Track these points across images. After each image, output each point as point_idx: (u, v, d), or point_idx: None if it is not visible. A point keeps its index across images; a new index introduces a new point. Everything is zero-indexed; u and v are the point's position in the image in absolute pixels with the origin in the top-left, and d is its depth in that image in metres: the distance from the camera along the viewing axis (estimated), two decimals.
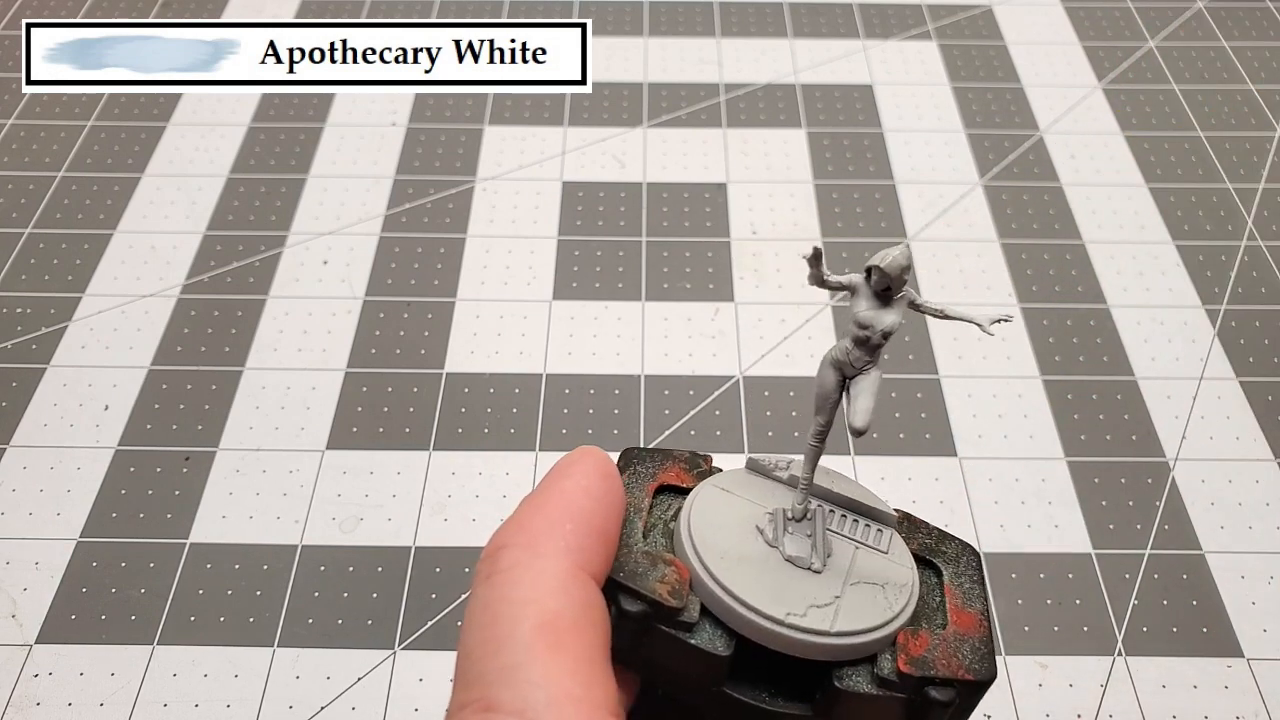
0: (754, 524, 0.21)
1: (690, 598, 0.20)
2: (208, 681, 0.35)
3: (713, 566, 0.20)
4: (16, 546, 0.38)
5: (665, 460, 0.23)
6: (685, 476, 0.23)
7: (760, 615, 0.20)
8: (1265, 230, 0.51)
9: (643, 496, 0.22)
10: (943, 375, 0.44)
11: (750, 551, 0.21)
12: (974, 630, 0.21)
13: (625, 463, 0.23)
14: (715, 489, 0.22)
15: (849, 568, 0.21)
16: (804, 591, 0.20)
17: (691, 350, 0.45)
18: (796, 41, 0.61)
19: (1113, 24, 0.63)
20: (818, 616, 0.20)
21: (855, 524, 0.23)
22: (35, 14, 0.62)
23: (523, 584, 0.18)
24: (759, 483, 0.23)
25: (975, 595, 0.22)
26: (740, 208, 0.51)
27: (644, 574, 0.20)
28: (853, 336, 0.20)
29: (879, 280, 0.19)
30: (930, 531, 0.23)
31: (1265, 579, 0.38)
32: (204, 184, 0.52)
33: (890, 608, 0.20)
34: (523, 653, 0.18)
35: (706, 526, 0.21)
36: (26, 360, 0.44)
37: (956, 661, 0.20)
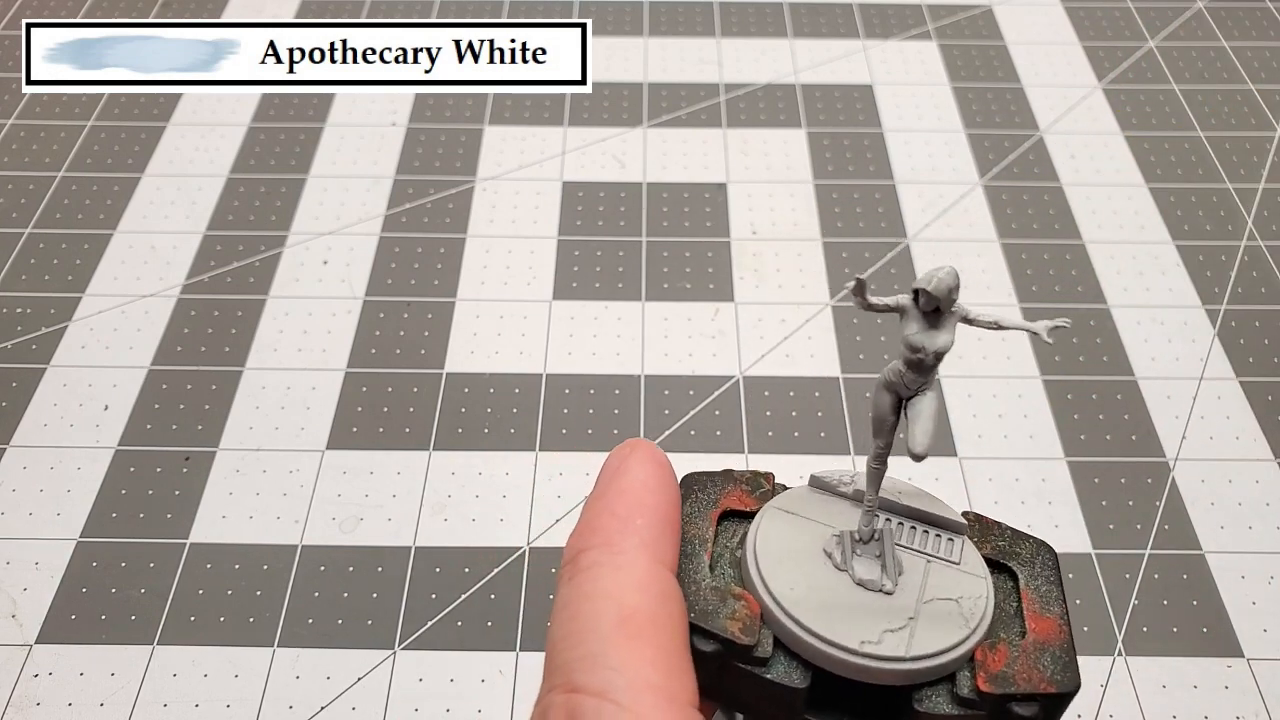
0: (821, 547, 0.21)
1: (763, 631, 0.20)
2: (208, 681, 0.35)
3: (782, 599, 0.20)
4: (16, 546, 0.38)
5: (726, 484, 0.23)
6: (748, 499, 0.23)
7: (834, 646, 0.19)
8: (1265, 230, 0.51)
9: (706, 526, 0.22)
10: (943, 376, 0.44)
11: (820, 578, 0.21)
12: (1054, 637, 0.21)
13: (686, 490, 0.22)
14: (779, 512, 0.22)
15: (922, 585, 0.21)
16: (877, 616, 0.20)
17: (691, 350, 0.45)
18: (796, 41, 0.61)
19: (1113, 24, 0.63)
20: (893, 642, 0.20)
21: (925, 535, 0.22)
22: (35, 14, 0.62)
23: (602, 581, 0.19)
24: (822, 500, 0.22)
25: (1053, 598, 0.22)
26: (740, 208, 0.51)
27: (714, 611, 0.20)
28: (905, 359, 0.19)
29: (927, 301, 0.19)
30: (1003, 533, 0.23)
31: (1265, 579, 0.38)
32: (204, 184, 0.52)
33: (967, 624, 0.20)
34: (604, 644, 0.18)
35: (772, 554, 0.21)
36: (26, 360, 0.44)
37: (1038, 674, 0.20)
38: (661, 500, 0.20)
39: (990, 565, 0.22)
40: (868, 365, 0.44)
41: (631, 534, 0.20)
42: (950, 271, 0.18)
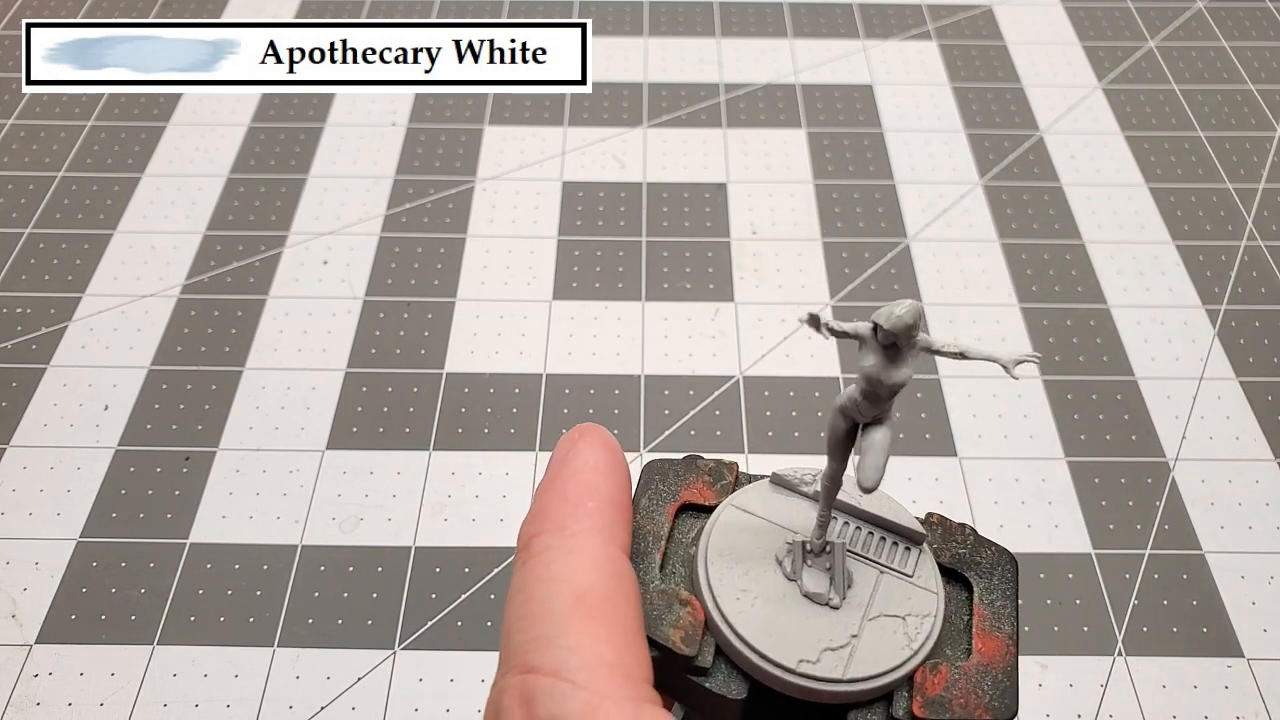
0: (774, 554, 0.21)
1: (705, 641, 0.20)
2: (208, 681, 0.35)
3: (726, 608, 0.20)
4: (16, 546, 0.38)
5: (687, 474, 0.22)
6: (708, 493, 0.22)
7: (771, 663, 0.19)
8: (1265, 230, 0.51)
9: (663, 522, 0.22)
10: (943, 375, 0.44)
11: (768, 587, 0.20)
12: (999, 658, 0.21)
13: (646, 479, 0.22)
14: (736, 511, 0.22)
15: (870, 600, 0.21)
16: (820, 632, 0.20)
17: (691, 350, 0.45)
18: (796, 41, 0.61)
19: (1113, 24, 0.63)
20: (831, 662, 0.20)
21: (882, 543, 0.22)
22: (35, 14, 0.62)
23: (555, 564, 0.19)
24: (782, 500, 0.22)
25: (1005, 615, 0.21)
26: (740, 208, 0.51)
27: (659, 618, 0.20)
28: (860, 389, 0.19)
29: (885, 337, 0.18)
30: (965, 539, 0.22)
31: (1265, 579, 0.38)
32: (204, 184, 0.52)
33: (909, 645, 0.20)
34: (558, 625, 0.18)
35: (724, 558, 0.21)
36: (26, 360, 0.44)
37: (975, 699, 0.20)
38: (612, 484, 0.20)
39: (947, 573, 0.22)
40: None
41: (583, 517, 0.20)
42: (910, 309, 0.18)
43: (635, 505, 0.21)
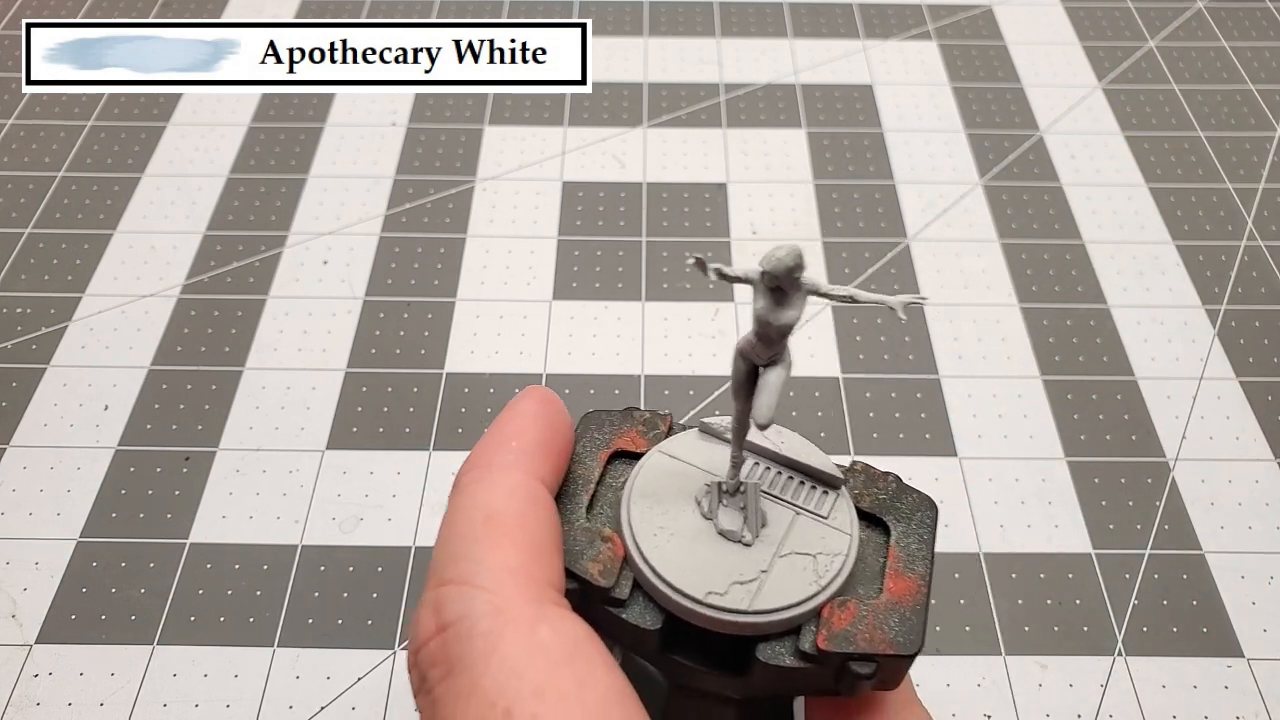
0: (694, 495, 0.22)
1: (624, 574, 0.21)
2: (208, 681, 0.35)
3: (643, 543, 0.21)
4: (16, 546, 0.38)
5: (623, 424, 0.23)
6: (640, 441, 0.23)
7: (681, 594, 0.20)
8: (1265, 230, 0.51)
9: (594, 466, 0.23)
10: (943, 375, 0.44)
11: (685, 525, 0.21)
12: (909, 597, 0.21)
13: (584, 428, 0.23)
14: (663, 456, 0.22)
15: (783, 538, 0.21)
16: (731, 567, 0.21)
17: (691, 350, 0.45)
18: (796, 41, 0.61)
19: (1113, 24, 0.63)
20: (738, 594, 0.20)
21: (800, 487, 0.23)
22: (35, 14, 0.62)
23: (477, 493, 0.20)
24: (708, 447, 0.23)
25: (920, 557, 0.22)
26: (740, 208, 0.51)
27: (579, 553, 0.21)
28: (753, 332, 0.20)
29: (769, 279, 0.19)
30: (887, 486, 0.23)
31: (1265, 579, 0.38)
32: (204, 184, 0.52)
33: (817, 580, 0.21)
34: (470, 542, 0.19)
35: (647, 499, 0.22)
36: (26, 360, 0.44)
37: (881, 634, 0.20)
38: (541, 426, 0.22)
39: (869, 519, 0.22)
40: (868, 365, 0.44)
41: (506, 454, 0.21)
42: (790, 251, 0.18)
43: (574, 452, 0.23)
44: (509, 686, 0.17)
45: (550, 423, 0.22)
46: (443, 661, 0.18)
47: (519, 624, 0.18)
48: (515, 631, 0.18)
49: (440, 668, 0.18)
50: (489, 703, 0.17)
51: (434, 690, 0.18)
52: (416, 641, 0.19)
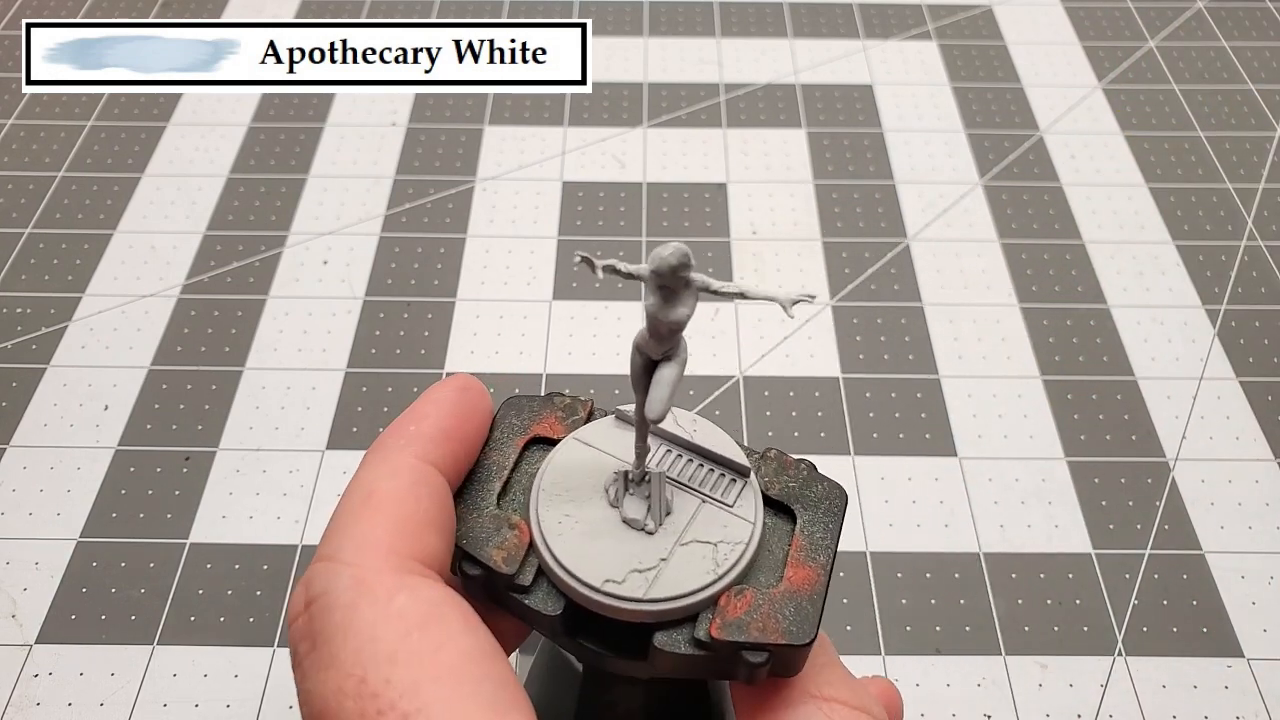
0: (603, 483, 0.22)
1: (528, 560, 0.21)
2: (208, 681, 0.35)
3: (548, 531, 0.21)
4: (16, 546, 0.38)
5: (543, 410, 0.23)
6: (558, 427, 0.23)
7: (579, 581, 0.20)
8: (1265, 230, 0.51)
9: (510, 453, 0.23)
10: (943, 375, 0.44)
11: (591, 513, 0.21)
12: (807, 587, 0.21)
13: (503, 414, 0.23)
14: (577, 444, 0.23)
15: (686, 526, 0.22)
16: (631, 555, 0.21)
17: (691, 350, 0.45)
18: (796, 41, 0.61)
19: (1113, 24, 0.63)
20: (635, 583, 0.20)
21: (709, 475, 0.23)
22: (35, 14, 0.62)
23: (363, 474, 0.21)
24: (622, 435, 0.23)
25: (823, 546, 0.22)
26: (740, 208, 0.51)
27: (484, 539, 0.21)
28: (646, 327, 0.20)
29: (655, 277, 0.19)
30: (798, 473, 0.23)
31: (1265, 579, 0.38)
32: (204, 184, 0.52)
33: (715, 569, 0.21)
34: (345, 520, 0.20)
35: (557, 486, 0.22)
36: (26, 360, 0.44)
37: (774, 624, 0.20)
38: (446, 413, 0.22)
39: (777, 507, 0.23)
40: (868, 365, 0.44)
41: (400, 437, 0.21)
42: (675, 251, 0.19)
43: (489, 438, 0.23)
44: (364, 653, 0.17)
45: (460, 410, 0.22)
46: (308, 636, 0.19)
47: (376, 594, 0.18)
48: (372, 601, 0.18)
49: (306, 642, 0.19)
50: (345, 672, 0.17)
51: (302, 663, 0.19)
52: (288, 618, 0.19)
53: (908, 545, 0.39)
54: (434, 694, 0.17)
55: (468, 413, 0.22)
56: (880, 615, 0.37)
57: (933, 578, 0.38)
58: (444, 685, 0.17)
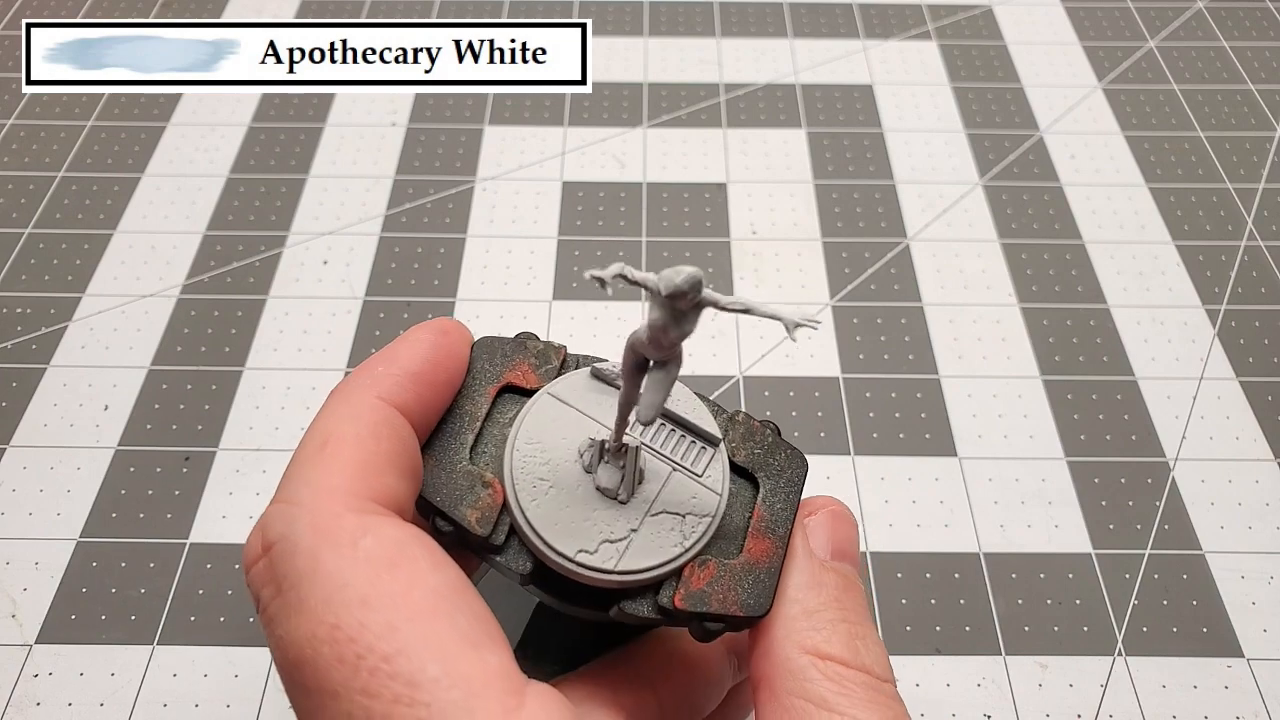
0: (578, 447, 0.22)
1: (501, 520, 0.21)
2: (208, 681, 0.35)
3: (522, 495, 0.21)
4: (16, 546, 0.38)
5: (515, 355, 0.23)
6: (531, 376, 0.23)
7: (552, 550, 0.21)
8: (1265, 230, 0.51)
9: (482, 403, 0.22)
10: (943, 375, 0.44)
11: (565, 477, 0.22)
12: (764, 559, 0.22)
13: (475, 356, 0.23)
14: (553, 400, 0.23)
15: (656, 496, 0.22)
16: (603, 525, 0.21)
17: (691, 350, 0.45)
18: (796, 41, 0.61)
19: (1113, 24, 0.63)
20: (607, 553, 0.21)
21: (680, 442, 0.23)
22: (35, 14, 0.62)
23: (324, 416, 0.20)
24: (598, 393, 0.23)
25: (783, 518, 0.23)
26: (740, 208, 0.51)
27: (459, 498, 0.21)
28: (647, 335, 0.20)
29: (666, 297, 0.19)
30: (763, 440, 0.24)
31: (1265, 579, 0.38)
32: (204, 184, 0.52)
33: (683, 542, 0.21)
34: (303, 464, 0.20)
35: (530, 446, 0.22)
36: (26, 360, 0.44)
37: (733, 596, 0.21)
38: (419, 355, 0.22)
39: (741, 473, 0.23)
40: (868, 365, 0.44)
41: (365, 378, 0.21)
42: (689, 278, 0.19)
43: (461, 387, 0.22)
44: (335, 599, 0.17)
45: (435, 354, 0.22)
46: (270, 581, 0.18)
47: (339, 538, 0.18)
48: (336, 545, 0.18)
49: (269, 587, 0.18)
50: (317, 618, 0.17)
51: (268, 609, 0.19)
52: (245, 563, 0.19)
53: (908, 545, 0.39)
54: (411, 634, 0.17)
55: (442, 357, 0.22)
56: (880, 615, 0.37)
57: (933, 578, 0.38)
58: (419, 624, 0.17)
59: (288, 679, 0.18)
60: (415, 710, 0.16)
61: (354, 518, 0.19)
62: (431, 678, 0.17)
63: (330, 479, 0.19)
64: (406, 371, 0.21)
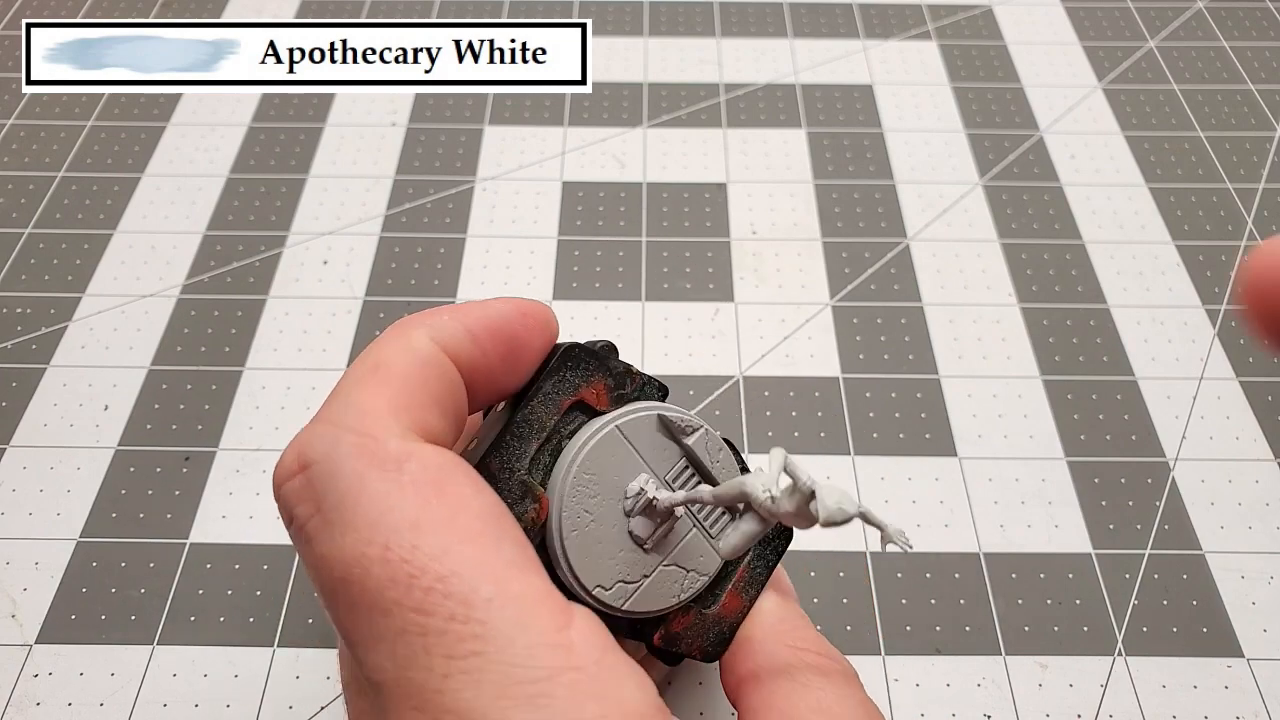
0: (626, 489, 0.23)
1: (535, 532, 0.22)
2: (208, 681, 0.35)
3: (566, 522, 0.22)
4: (16, 546, 0.38)
5: (596, 373, 0.24)
6: (604, 398, 0.24)
7: (575, 579, 0.22)
8: (1265, 230, 0.51)
9: (553, 413, 0.23)
10: (943, 375, 0.44)
11: (608, 514, 0.23)
12: (731, 615, 0.25)
13: (560, 364, 0.24)
14: (619, 438, 0.23)
15: (674, 549, 0.24)
16: (624, 566, 0.23)
17: (691, 350, 0.45)
18: (796, 41, 0.61)
19: (1113, 24, 0.63)
20: (619, 592, 0.23)
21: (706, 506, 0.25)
22: (35, 14, 0.62)
23: (377, 346, 0.21)
24: (661, 442, 0.24)
25: (759, 581, 0.26)
26: (740, 208, 0.51)
27: (510, 504, 0.22)
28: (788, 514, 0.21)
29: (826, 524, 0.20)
30: None
31: (1265, 579, 0.38)
32: (204, 184, 0.52)
33: (680, 595, 0.24)
34: (349, 386, 0.20)
35: (588, 475, 0.23)
36: (26, 360, 0.44)
37: (699, 643, 0.25)
38: (485, 318, 0.22)
39: None
40: (867, 365, 0.44)
41: (432, 319, 0.22)
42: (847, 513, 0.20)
43: (538, 387, 0.23)
44: (383, 521, 0.18)
45: (505, 326, 0.22)
46: (309, 499, 0.19)
47: (385, 461, 0.19)
48: (382, 468, 0.19)
49: (306, 505, 0.19)
50: (365, 539, 0.18)
51: (305, 526, 0.19)
52: (277, 478, 0.20)
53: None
54: (462, 556, 0.18)
55: (511, 335, 0.22)
56: (880, 615, 0.37)
57: (933, 578, 0.38)
58: (470, 547, 0.18)
59: (329, 595, 0.19)
60: (470, 627, 0.17)
61: (398, 443, 0.19)
62: (485, 598, 0.17)
63: (377, 403, 0.20)
64: (469, 329, 0.22)
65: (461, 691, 0.17)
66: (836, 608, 0.37)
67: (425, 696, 0.17)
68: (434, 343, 0.21)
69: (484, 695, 0.17)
